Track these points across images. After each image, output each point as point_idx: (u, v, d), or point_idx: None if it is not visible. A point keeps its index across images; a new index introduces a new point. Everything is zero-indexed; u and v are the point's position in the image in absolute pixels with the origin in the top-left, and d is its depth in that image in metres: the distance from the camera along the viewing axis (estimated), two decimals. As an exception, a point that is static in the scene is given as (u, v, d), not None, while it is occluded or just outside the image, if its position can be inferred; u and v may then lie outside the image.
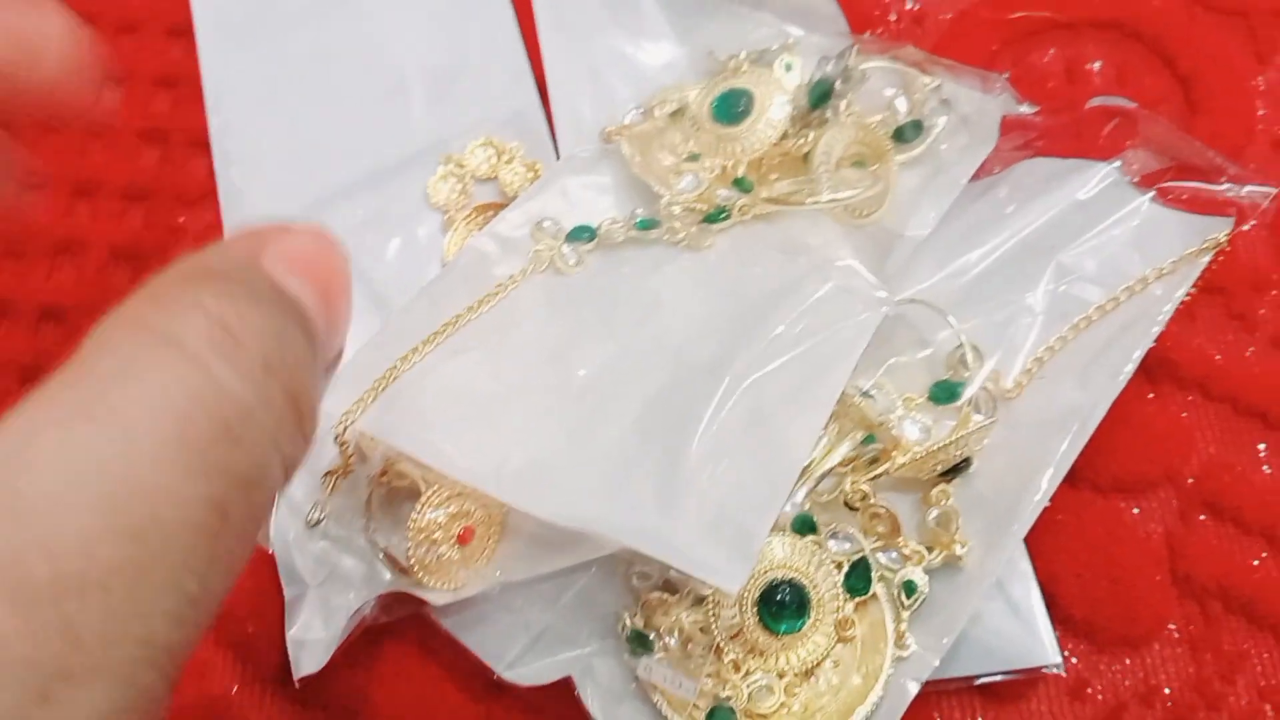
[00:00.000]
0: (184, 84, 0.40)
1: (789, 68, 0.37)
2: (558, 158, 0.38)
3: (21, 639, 0.13)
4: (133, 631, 0.14)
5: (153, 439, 0.14)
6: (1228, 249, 0.33)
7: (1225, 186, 0.33)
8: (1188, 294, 0.32)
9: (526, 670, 0.30)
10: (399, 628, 0.31)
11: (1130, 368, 0.31)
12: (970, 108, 0.36)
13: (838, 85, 0.35)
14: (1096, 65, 0.41)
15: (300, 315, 0.18)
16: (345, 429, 0.31)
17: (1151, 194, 0.34)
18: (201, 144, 0.39)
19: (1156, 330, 0.32)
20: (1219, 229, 0.33)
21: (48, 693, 0.13)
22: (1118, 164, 0.34)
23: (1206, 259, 0.33)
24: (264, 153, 0.39)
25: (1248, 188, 0.33)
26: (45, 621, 0.13)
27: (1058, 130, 0.36)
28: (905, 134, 0.35)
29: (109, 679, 0.13)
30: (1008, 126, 0.36)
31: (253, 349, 0.16)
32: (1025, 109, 0.36)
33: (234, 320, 0.16)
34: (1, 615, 0.13)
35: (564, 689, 0.30)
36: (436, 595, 0.30)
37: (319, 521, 0.31)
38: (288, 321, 0.17)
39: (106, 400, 0.15)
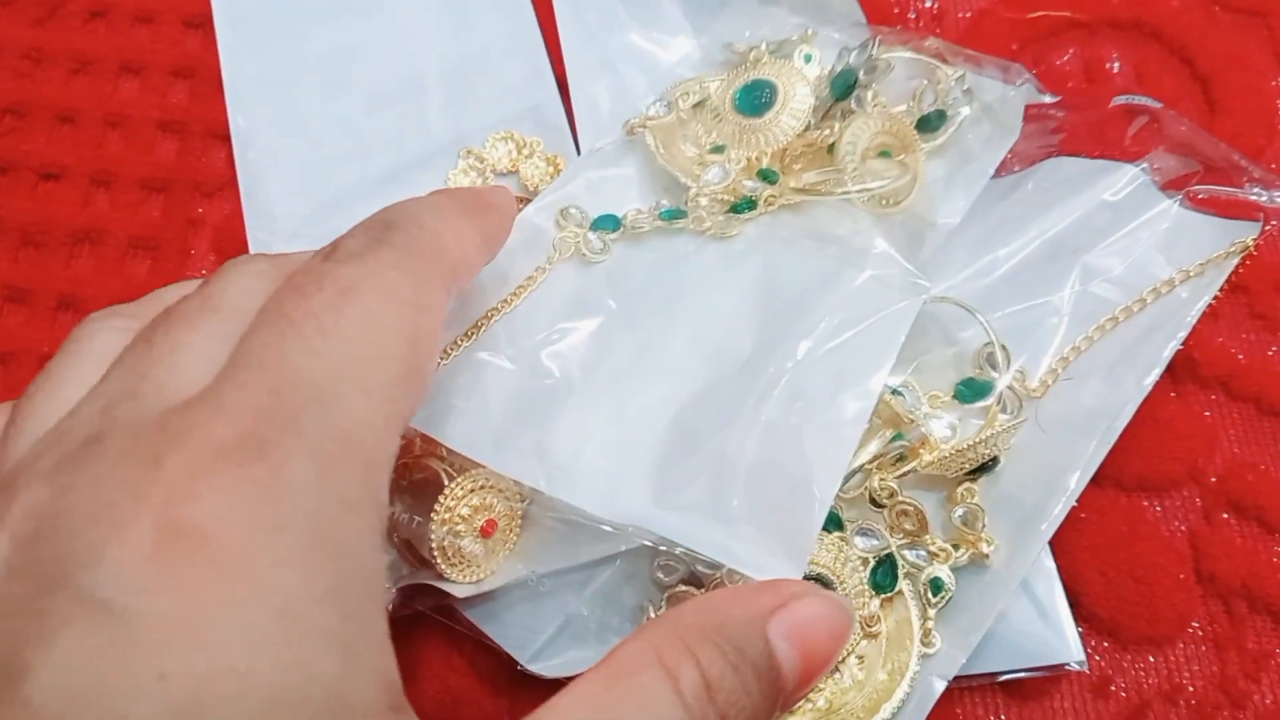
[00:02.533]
0: (201, 75, 0.40)
1: (809, 59, 0.37)
2: (578, 152, 0.38)
3: None
4: None
5: None
6: (1255, 253, 0.33)
7: (1252, 190, 0.33)
8: (1214, 297, 0.32)
9: (551, 662, 0.30)
10: (422, 619, 0.31)
11: (1158, 370, 0.31)
12: (993, 97, 0.36)
13: (862, 75, 0.35)
14: (1115, 65, 0.41)
15: (774, 676, 0.23)
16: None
17: (1179, 197, 0.34)
18: (219, 135, 0.39)
19: (1183, 334, 0.32)
20: (1246, 233, 0.33)
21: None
22: (1144, 166, 0.34)
23: (1233, 263, 0.33)
24: (284, 147, 0.39)
25: (1275, 191, 0.33)
26: None
27: (1082, 128, 0.36)
28: (930, 123, 0.35)
29: None
30: (1031, 121, 0.36)
31: (718, 703, 0.21)
32: (1048, 98, 0.36)
33: (714, 677, 0.21)
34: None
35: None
36: (459, 588, 0.30)
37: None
38: (758, 683, 0.22)
39: (618, 705, 0.21)
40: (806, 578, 0.30)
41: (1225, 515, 0.33)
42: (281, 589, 0.18)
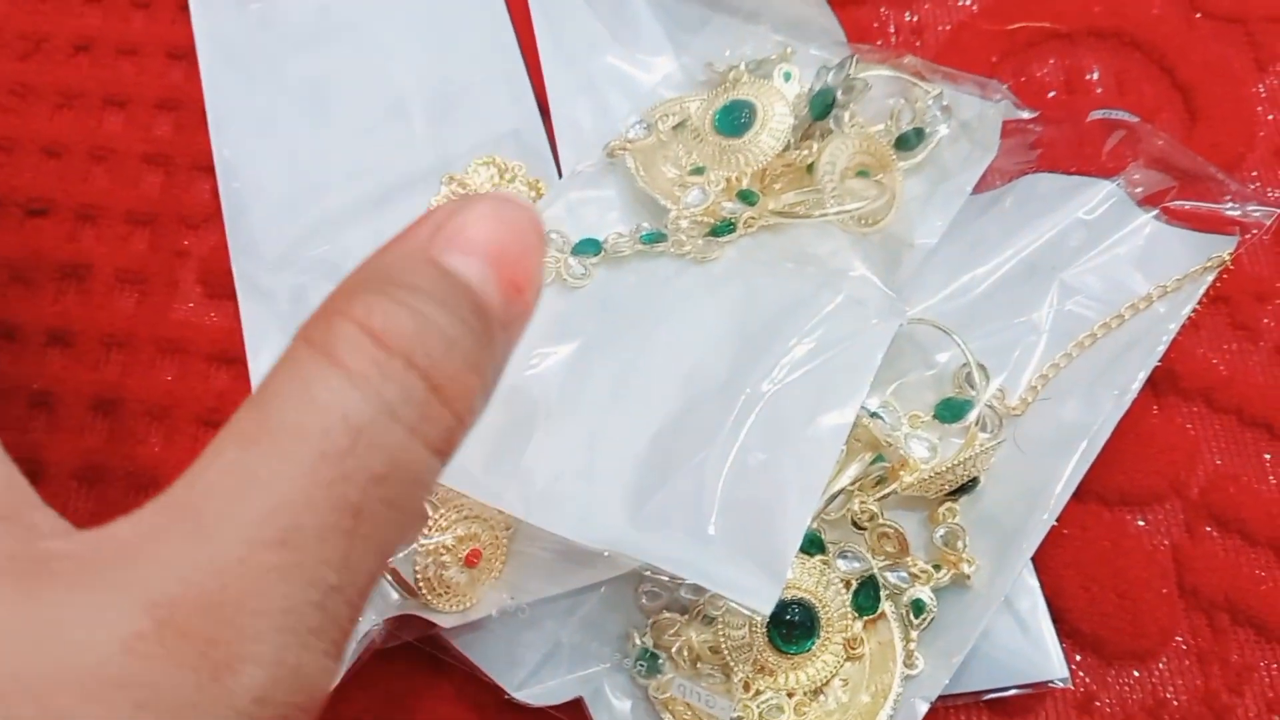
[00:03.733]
0: (186, 107, 0.40)
1: (788, 77, 0.37)
2: (560, 176, 0.38)
3: (190, 637, 0.16)
4: (279, 621, 0.16)
5: (303, 464, 0.17)
6: (1231, 267, 0.33)
7: (1228, 204, 0.33)
8: (1192, 311, 0.33)
9: (537, 690, 0.31)
10: (411, 649, 0.31)
11: (1136, 386, 0.32)
12: (971, 114, 0.36)
13: (840, 95, 0.35)
14: (1096, 75, 0.41)
15: (466, 297, 0.19)
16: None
17: (1155, 212, 0.34)
18: (204, 167, 0.39)
19: (1161, 349, 0.32)
20: (1222, 247, 0.33)
21: (215, 675, 0.16)
22: (1121, 182, 0.34)
23: (1210, 277, 0.33)
24: (268, 176, 0.39)
25: (1250, 205, 0.33)
26: (211, 620, 0.16)
27: (1060, 143, 0.36)
28: (908, 142, 0.35)
29: (265, 664, 0.16)
30: (1009, 137, 0.36)
31: (396, 348, 0.18)
32: (1025, 114, 0.36)
33: (379, 323, 0.18)
34: (182, 617, 0.16)
35: (575, 709, 0.30)
36: (445, 617, 0.31)
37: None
38: (443, 309, 0.19)
39: (270, 421, 0.17)
40: (789, 602, 0.30)
41: (1208, 528, 0.33)
42: None
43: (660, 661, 0.30)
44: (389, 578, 0.31)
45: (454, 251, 0.19)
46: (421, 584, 0.30)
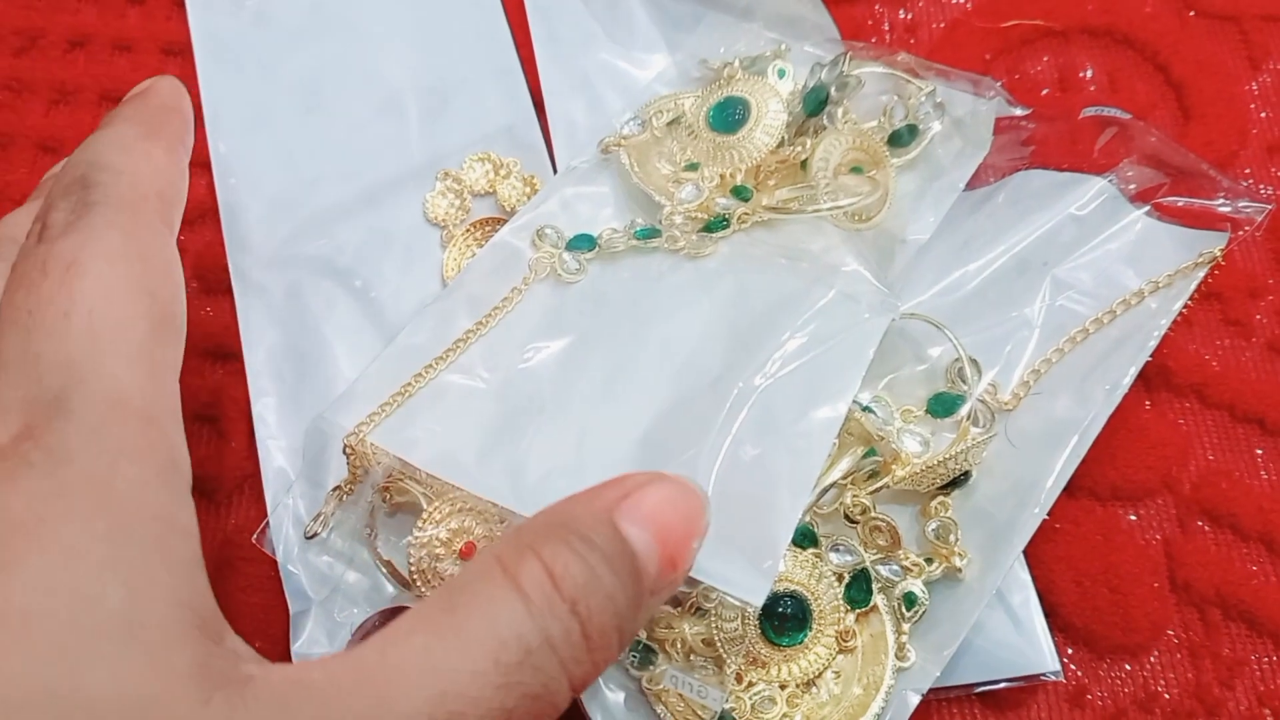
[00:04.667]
0: (182, 102, 0.40)
1: (782, 74, 0.37)
2: (554, 171, 0.38)
3: None
4: None
5: (478, 657, 0.20)
6: (1223, 263, 0.33)
7: (1220, 201, 0.33)
8: (1184, 307, 0.33)
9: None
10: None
11: (1127, 382, 0.32)
12: (964, 111, 0.36)
13: (833, 92, 0.35)
14: (1089, 72, 0.41)
15: (631, 562, 0.22)
16: (357, 443, 0.31)
17: (1147, 208, 0.34)
18: (200, 163, 0.39)
19: (1152, 344, 0.32)
20: (1214, 243, 0.33)
21: None
22: (1113, 178, 0.34)
23: (1202, 273, 0.33)
24: (263, 171, 0.39)
25: (1242, 202, 0.33)
26: None
27: (1053, 140, 0.36)
28: (901, 138, 0.36)
29: None
30: (1002, 133, 0.36)
31: (567, 594, 0.21)
32: (1018, 111, 0.36)
33: (559, 569, 0.21)
34: None
35: (568, 703, 0.31)
36: (440, 610, 0.31)
37: (315, 535, 0.32)
38: (609, 568, 0.22)
39: (457, 620, 0.20)
40: (781, 595, 0.30)
41: (1200, 523, 0.34)
42: (61, 538, 0.19)
43: (653, 654, 0.30)
44: (384, 570, 0.31)
45: (631, 520, 0.23)
46: (416, 576, 0.30)
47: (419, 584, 0.30)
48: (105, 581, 0.19)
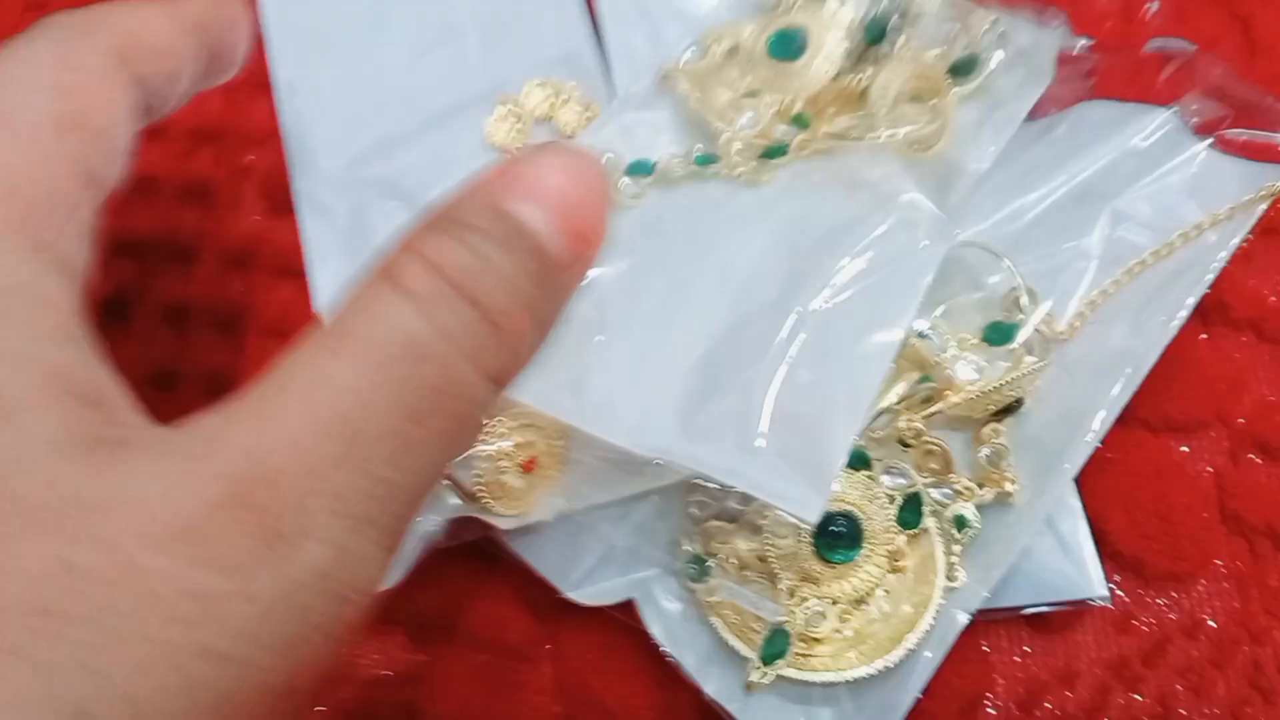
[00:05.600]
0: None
1: (841, 3, 0.37)
2: (613, 98, 0.38)
3: (252, 508, 0.18)
4: (333, 505, 0.18)
5: (365, 367, 0.19)
6: (1286, 196, 0.33)
7: (1284, 134, 0.33)
8: (1243, 241, 0.33)
9: (590, 591, 0.32)
10: (468, 549, 0.33)
11: (1184, 314, 0.32)
12: (1027, 41, 0.36)
13: (894, 20, 0.35)
14: (1154, 5, 0.41)
15: (526, 241, 0.21)
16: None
17: (1209, 141, 0.34)
18: (264, 86, 0.40)
19: (1210, 277, 0.32)
20: (1276, 177, 0.33)
21: (271, 544, 0.18)
22: (1176, 109, 0.34)
23: (1263, 207, 0.33)
24: (325, 98, 0.39)
25: (1307, 136, 0.33)
26: (273, 496, 0.18)
27: (1116, 72, 0.36)
28: (962, 68, 0.35)
29: (318, 541, 0.18)
30: (1065, 65, 0.36)
31: (454, 281, 0.20)
32: (1082, 42, 0.36)
33: (438, 258, 0.20)
34: (246, 489, 0.18)
35: (626, 611, 0.32)
36: (503, 520, 0.32)
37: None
38: (500, 249, 0.21)
39: (340, 332, 0.19)
40: (835, 514, 0.31)
41: (1252, 456, 0.34)
42: None
43: (709, 565, 0.31)
44: (448, 482, 0.32)
45: (519, 198, 0.21)
46: (480, 488, 0.31)
47: (484, 495, 0.31)
48: None
